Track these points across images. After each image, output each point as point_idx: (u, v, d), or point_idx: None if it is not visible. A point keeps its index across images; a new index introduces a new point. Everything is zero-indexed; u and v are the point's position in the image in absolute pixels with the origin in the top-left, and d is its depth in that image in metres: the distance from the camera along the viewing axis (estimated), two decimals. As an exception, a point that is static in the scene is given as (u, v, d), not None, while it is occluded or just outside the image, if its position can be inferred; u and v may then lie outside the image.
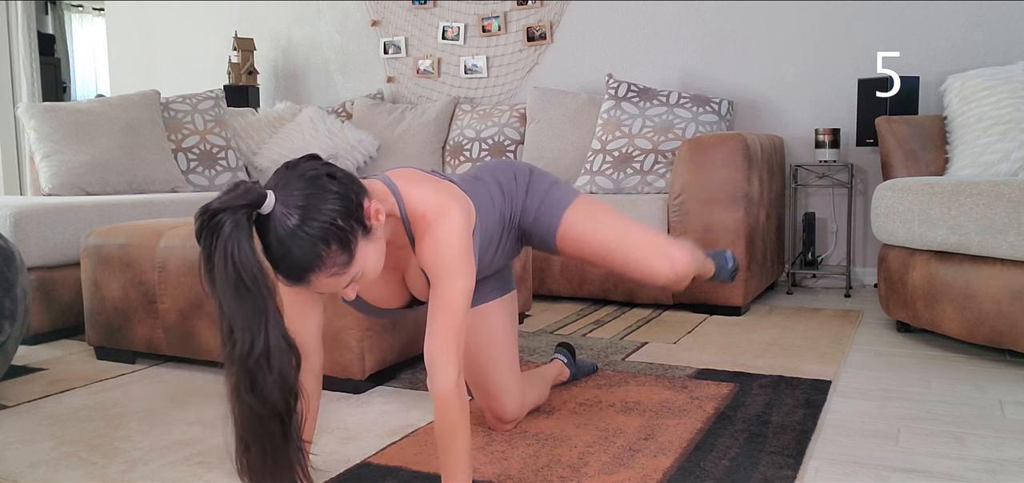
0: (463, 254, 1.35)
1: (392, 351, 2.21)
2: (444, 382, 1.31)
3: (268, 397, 1.14)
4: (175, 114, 4.11)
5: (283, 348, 1.15)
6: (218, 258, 1.11)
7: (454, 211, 1.36)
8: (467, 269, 1.35)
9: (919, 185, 2.50)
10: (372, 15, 4.79)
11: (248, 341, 1.12)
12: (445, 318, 1.33)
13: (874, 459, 1.64)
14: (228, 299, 1.11)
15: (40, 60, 6.62)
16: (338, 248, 1.20)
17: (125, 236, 2.52)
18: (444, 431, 1.31)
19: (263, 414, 1.15)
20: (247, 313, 1.12)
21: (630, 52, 4.13)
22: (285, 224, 1.16)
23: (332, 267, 1.20)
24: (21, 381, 2.39)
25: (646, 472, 1.57)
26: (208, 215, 1.11)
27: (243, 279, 1.10)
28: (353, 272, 1.24)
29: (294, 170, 1.21)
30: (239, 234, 1.11)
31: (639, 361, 2.43)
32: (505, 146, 4.07)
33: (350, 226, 1.21)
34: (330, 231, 1.18)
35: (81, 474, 1.64)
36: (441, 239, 1.34)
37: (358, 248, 1.23)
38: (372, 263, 1.27)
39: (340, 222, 1.19)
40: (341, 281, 1.24)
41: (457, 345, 1.33)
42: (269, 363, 1.13)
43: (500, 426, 1.83)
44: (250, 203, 1.14)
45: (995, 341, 2.29)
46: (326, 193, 1.19)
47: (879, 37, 3.63)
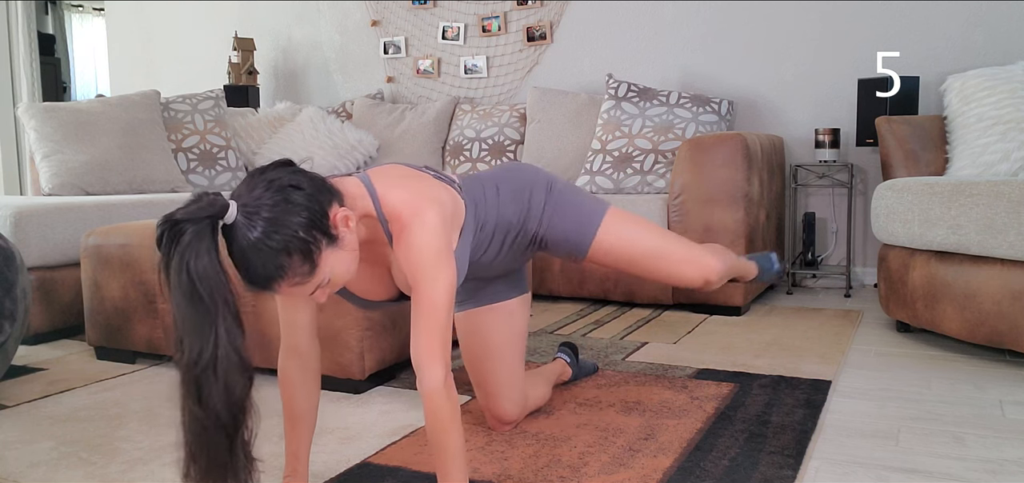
0: (440, 254, 1.33)
1: (392, 351, 2.21)
2: (431, 383, 1.30)
3: (212, 408, 1.14)
4: (175, 114, 4.10)
5: (232, 361, 1.14)
6: (174, 266, 1.11)
7: (428, 211, 1.34)
8: (446, 267, 1.34)
9: (919, 185, 2.50)
10: (372, 15, 4.79)
11: (196, 350, 1.12)
12: (428, 319, 1.32)
13: (874, 459, 1.64)
14: (180, 306, 1.12)
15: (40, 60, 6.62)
16: (300, 259, 1.20)
17: (125, 236, 2.52)
18: (436, 431, 1.31)
19: (208, 425, 1.15)
20: (197, 322, 1.12)
21: (630, 52, 4.13)
22: (247, 236, 1.17)
23: (294, 277, 1.21)
24: (21, 381, 2.39)
25: (646, 472, 1.57)
26: (169, 224, 1.12)
27: (196, 288, 1.11)
28: (317, 281, 1.24)
29: (261, 177, 1.21)
30: (198, 244, 1.11)
31: (639, 361, 2.43)
32: (505, 146, 4.07)
33: (313, 237, 1.21)
34: (292, 242, 1.19)
35: (81, 474, 1.64)
36: (415, 242, 1.33)
37: (322, 257, 1.23)
38: (342, 269, 1.27)
39: (301, 234, 1.19)
40: (305, 289, 1.24)
41: (442, 345, 1.32)
42: (215, 373, 1.13)
43: (499, 426, 1.83)
44: (212, 214, 1.14)
45: (995, 341, 2.29)
46: (289, 204, 1.19)
47: (879, 37, 3.63)
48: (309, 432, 1.47)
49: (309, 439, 1.47)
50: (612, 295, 3.31)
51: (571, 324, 2.99)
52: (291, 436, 1.46)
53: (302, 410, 1.45)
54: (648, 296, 3.24)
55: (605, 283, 3.31)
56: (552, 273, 3.42)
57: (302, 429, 1.46)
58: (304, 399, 1.45)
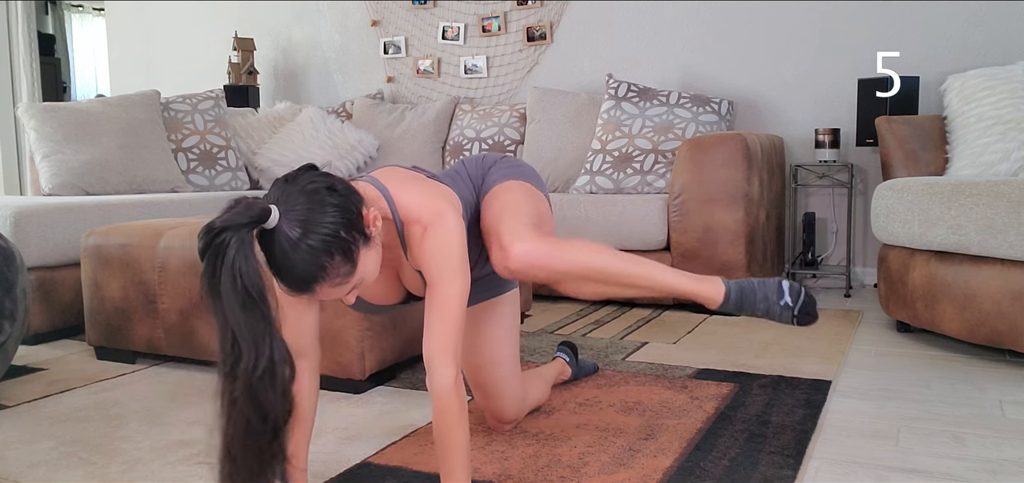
0: (460, 255, 1.36)
1: (392, 351, 2.21)
2: (443, 381, 1.32)
3: (270, 412, 1.17)
4: (175, 114, 4.10)
5: (285, 361, 1.18)
6: (226, 276, 1.12)
7: (449, 214, 1.37)
8: (463, 270, 1.37)
9: (919, 185, 2.50)
10: (372, 15, 4.79)
11: (254, 357, 1.14)
12: (442, 317, 1.34)
13: (874, 459, 1.64)
14: (235, 315, 1.13)
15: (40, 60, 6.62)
16: (342, 259, 1.22)
17: (125, 236, 2.52)
18: (443, 430, 1.32)
19: (258, 428, 1.17)
20: (253, 328, 1.14)
21: (630, 52, 4.13)
22: (289, 238, 1.18)
23: (335, 277, 1.23)
24: (21, 381, 2.39)
25: (646, 472, 1.57)
26: (213, 233, 1.13)
27: (251, 295, 1.12)
28: (355, 280, 1.26)
29: (294, 184, 1.23)
30: (246, 251, 1.13)
31: (639, 361, 2.43)
32: (505, 146, 4.07)
33: (352, 237, 1.23)
34: (333, 243, 1.20)
35: (81, 474, 1.64)
36: (439, 242, 1.35)
37: (360, 257, 1.25)
38: (371, 269, 1.29)
39: (343, 233, 1.21)
40: (344, 289, 1.26)
41: (455, 344, 1.34)
42: (273, 377, 1.16)
43: (499, 426, 1.83)
44: (253, 219, 1.15)
45: (995, 341, 2.29)
46: (327, 205, 1.21)
47: (879, 37, 3.63)
48: (308, 433, 1.47)
49: (308, 439, 1.48)
50: (612, 295, 3.31)
51: (571, 324, 2.99)
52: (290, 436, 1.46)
53: (302, 411, 1.45)
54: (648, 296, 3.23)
55: (605, 283, 3.31)
56: (552, 273, 3.42)
57: (301, 430, 1.46)
58: (305, 400, 1.45)
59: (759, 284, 1.64)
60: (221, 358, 1.16)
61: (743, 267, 3.05)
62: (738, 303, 1.62)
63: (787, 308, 1.62)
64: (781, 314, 1.62)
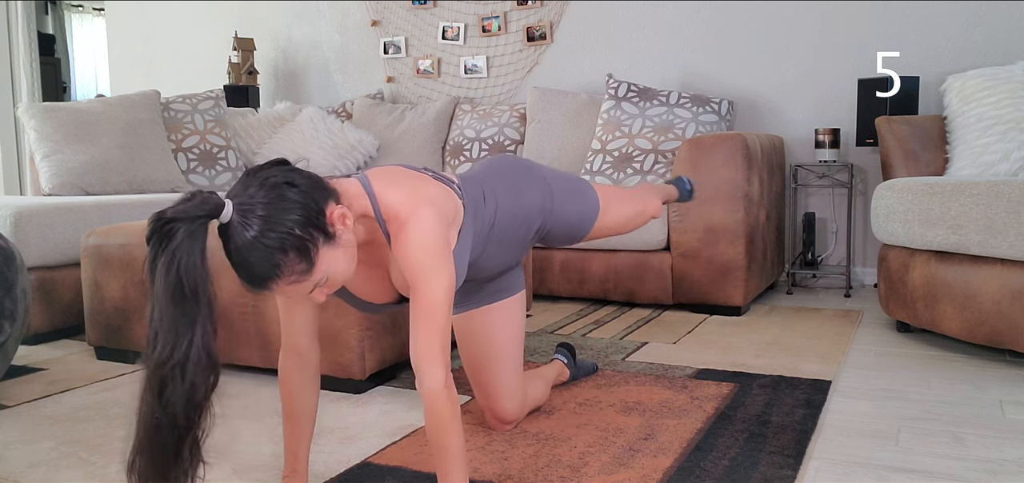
0: (438, 253, 1.33)
1: (392, 351, 2.21)
2: (432, 384, 1.30)
3: (172, 407, 1.13)
4: (175, 114, 4.11)
5: (203, 364, 1.14)
6: (162, 262, 1.10)
7: (425, 211, 1.34)
8: (444, 267, 1.33)
9: (919, 185, 2.50)
10: (372, 15, 4.79)
11: (169, 347, 1.11)
12: (427, 319, 1.31)
13: (874, 459, 1.64)
14: (162, 303, 1.11)
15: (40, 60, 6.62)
16: (296, 257, 1.19)
17: (125, 236, 2.52)
18: (436, 432, 1.31)
19: (163, 423, 1.14)
20: (176, 321, 1.11)
21: (630, 52, 4.13)
22: (243, 235, 1.16)
23: (291, 275, 1.20)
24: (21, 381, 2.39)
25: (646, 472, 1.57)
26: (162, 222, 1.11)
27: (183, 287, 1.10)
28: (314, 279, 1.23)
29: (256, 176, 1.21)
30: (191, 244, 1.11)
31: (639, 361, 2.43)
32: (505, 146, 4.07)
33: (309, 234, 1.20)
34: (287, 240, 1.18)
35: (81, 474, 1.64)
36: (413, 241, 1.32)
37: (319, 255, 1.22)
38: (340, 268, 1.26)
39: (298, 231, 1.19)
40: (303, 288, 1.23)
41: (442, 345, 1.31)
42: (183, 374, 1.12)
43: (500, 426, 1.83)
44: (207, 213, 1.14)
45: (995, 341, 2.29)
46: (285, 201, 1.19)
47: (879, 37, 3.63)
48: (308, 432, 1.47)
49: (308, 439, 1.47)
50: (612, 295, 3.31)
51: (571, 324, 2.99)
52: (290, 436, 1.46)
53: (301, 410, 1.45)
54: (648, 296, 3.24)
55: (605, 283, 3.31)
56: (552, 273, 3.42)
57: (301, 429, 1.46)
58: (304, 399, 1.45)
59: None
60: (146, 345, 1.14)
61: (743, 267, 3.05)
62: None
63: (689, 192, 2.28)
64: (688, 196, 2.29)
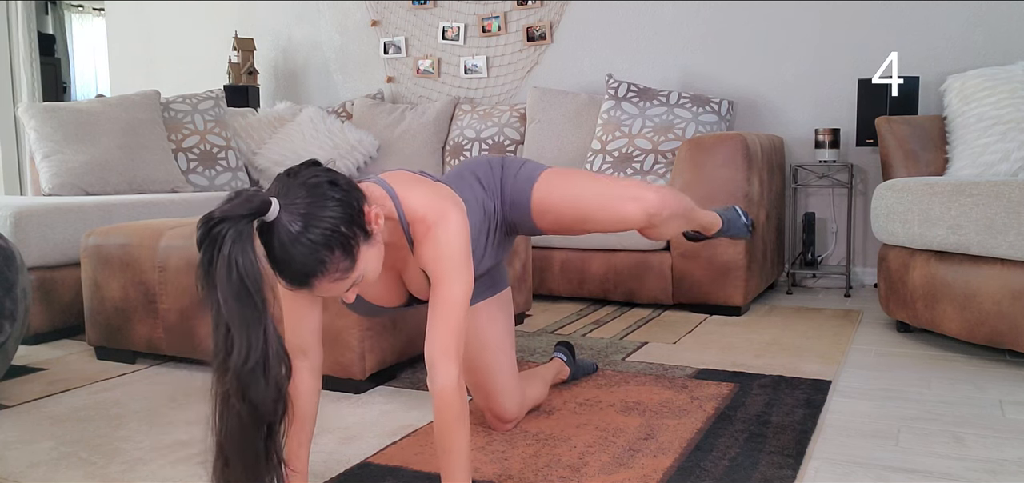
0: (463, 255, 1.37)
1: (392, 351, 2.21)
2: (445, 381, 1.32)
3: (261, 405, 1.14)
4: (175, 114, 4.11)
5: (280, 356, 1.16)
6: (221, 266, 1.11)
7: (453, 213, 1.38)
8: (467, 270, 1.37)
9: (919, 185, 2.50)
10: (372, 15, 4.79)
11: (246, 349, 1.12)
12: (446, 318, 1.34)
13: (874, 459, 1.64)
14: (230, 307, 1.11)
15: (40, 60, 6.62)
16: (341, 254, 1.21)
17: (125, 236, 2.52)
18: (444, 430, 1.32)
19: (250, 424, 1.15)
20: (247, 321, 1.12)
21: (630, 52, 4.13)
22: (289, 231, 1.17)
23: (335, 272, 1.22)
24: (21, 381, 2.39)
25: (646, 472, 1.57)
26: (211, 223, 1.12)
27: (246, 287, 1.11)
28: (355, 277, 1.26)
29: (296, 177, 1.23)
30: (243, 243, 1.12)
31: (639, 361, 2.43)
32: (505, 146, 4.07)
33: (353, 232, 1.23)
34: (333, 237, 1.20)
35: (81, 474, 1.64)
36: (442, 241, 1.36)
37: (360, 253, 1.25)
38: (372, 266, 1.29)
39: (343, 228, 1.21)
40: (343, 286, 1.25)
41: (457, 344, 1.34)
42: (266, 371, 1.14)
43: (500, 426, 1.83)
44: (253, 211, 1.15)
45: (995, 341, 2.29)
46: (328, 200, 1.21)
47: (879, 37, 3.63)
48: (309, 433, 1.47)
49: (309, 440, 1.47)
50: (612, 295, 3.31)
51: (571, 324, 2.99)
52: (291, 436, 1.46)
53: (303, 411, 1.45)
54: (648, 296, 3.24)
55: (605, 283, 3.31)
56: (552, 273, 3.42)
57: (302, 430, 1.46)
58: (306, 401, 1.45)
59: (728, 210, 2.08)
60: (214, 352, 1.15)
61: (743, 267, 3.05)
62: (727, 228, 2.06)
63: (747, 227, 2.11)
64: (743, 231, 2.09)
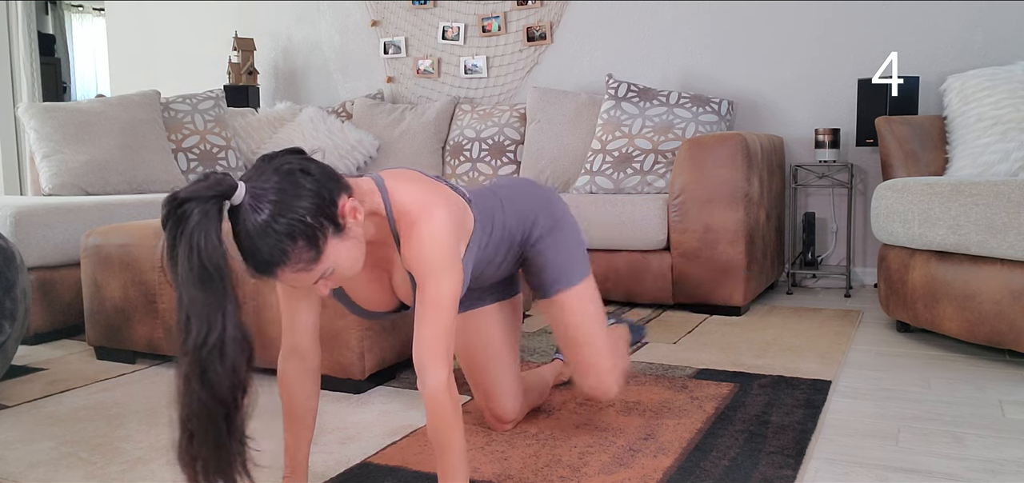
0: (449, 253, 1.33)
1: (392, 351, 2.21)
2: (434, 384, 1.30)
3: (217, 389, 1.13)
4: (175, 114, 4.11)
5: (238, 340, 1.14)
6: (182, 247, 1.10)
7: (439, 209, 1.33)
8: (453, 268, 1.33)
9: (919, 185, 2.50)
10: (372, 15, 4.79)
11: (204, 331, 1.11)
12: (432, 319, 1.31)
13: (874, 459, 1.64)
14: (189, 288, 1.10)
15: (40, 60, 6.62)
16: (305, 245, 1.19)
17: (125, 236, 2.52)
18: (438, 432, 1.31)
19: (212, 406, 1.14)
20: (206, 303, 1.11)
21: (630, 52, 4.13)
22: (254, 219, 1.16)
23: (297, 263, 1.20)
24: (21, 381, 2.39)
25: (646, 472, 1.57)
26: (176, 203, 1.11)
27: (206, 269, 1.10)
28: (321, 269, 1.23)
29: (270, 163, 1.21)
30: (207, 224, 1.10)
31: (639, 361, 2.43)
32: (505, 146, 4.07)
33: (319, 223, 1.20)
34: (297, 228, 1.18)
35: (81, 474, 1.64)
36: (425, 237, 1.32)
37: (327, 246, 1.22)
38: (346, 262, 1.26)
39: (309, 219, 1.18)
40: (308, 278, 1.23)
41: (446, 346, 1.31)
42: (222, 354, 1.12)
43: (499, 425, 1.83)
44: (220, 194, 1.13)
45: (995, 341, 2.29)
46: (299, 188, 1.19)
47: (879, 37, 3.63)
48: (309, 433, 1.47)
49: (309, 440, 1.47)
50: (612, 295, 3.31)
51: (571, 324, 2.99)
52: (290, 437, 1.46)
53: (302, 411, 1.45)
54: (648, 296, 3.24)
55: (605, 283, 3.31)
56: (552, 273, 3.42)
57: (301, 430, 1.46)
58: (304, 400, 1.45)
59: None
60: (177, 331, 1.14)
61: (743, 267, 3.05)
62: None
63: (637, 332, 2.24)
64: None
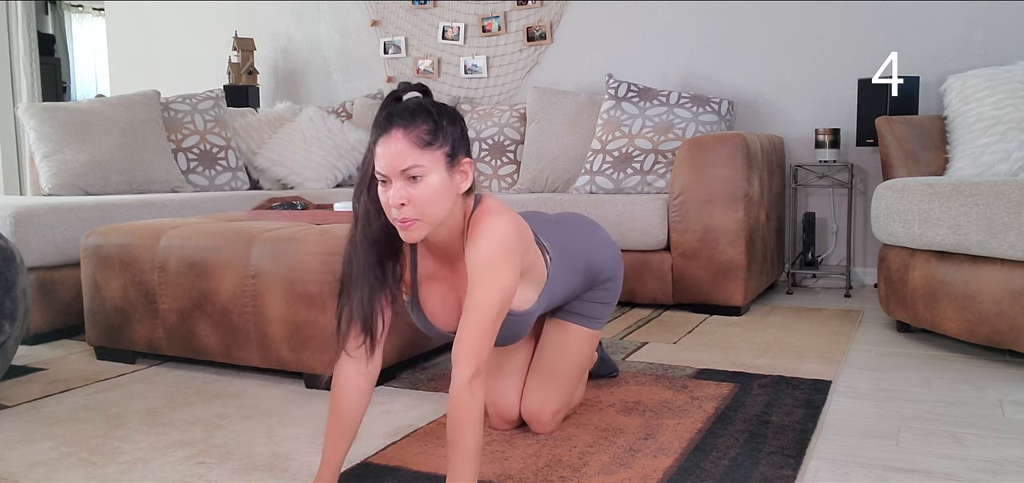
0: (503, 258, 1.37)
1: (392, 351, 2.21)
2: (458, 380, 1.33)
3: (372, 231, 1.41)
4: (175, 114, 4.11)
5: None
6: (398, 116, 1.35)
7: (504, 219, 1.40)
8: (506, 274, 1.38)
9: (919, 185, 2.50)
10: (372, 15, 4.79)
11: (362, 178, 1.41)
12: (475, 320, 1.35)
13: (874, 459, 1.64)
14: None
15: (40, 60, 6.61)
16: (432, 127, 1.34)
17: (125, 236, 2.52)
18: (453, 428, 1.33)
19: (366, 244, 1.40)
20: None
21: (630, 52, 4.13)
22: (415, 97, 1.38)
23: (415, 131, 1.32)
24: (21, 381, 2.39)
25: (646, 472, 1.57)
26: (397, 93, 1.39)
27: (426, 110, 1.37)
28: (422, 161, 1.33)
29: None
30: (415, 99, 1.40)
31: (639, 361, 2.43)
32: (505, 146, 4.07)
33: (448, 136, 1.35)
34: (439, 113, 1.35)
35: (81, 474, 1.64)
36: (484, 235, 1.38)
37: (438, 153, 1.34)
38: (434, 194, 1.35)
39: (446, 124, 1.35)
40: (409, 156, 1.32)
41: (481, 349, 1.35)
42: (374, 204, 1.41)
43: (503, 425, 1.83)
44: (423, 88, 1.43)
45: (995, 341, 2.29)
46: (456, 115, 1.39)
47: (879, 37, 3.63)
48: (351, 437, 1.47)
49: (349, 444, 1.47)
50: (612, 295, 3.31)
51: (571, 324, 2.99)
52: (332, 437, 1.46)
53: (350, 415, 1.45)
54: (648, 296, 3.24)
55: (605, 283, 3.31)
56: (552, 273, 3.42)
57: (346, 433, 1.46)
58: (355, 403, 1.46)
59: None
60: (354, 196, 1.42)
61: (743, 267, 3.05)
62: None
63: None
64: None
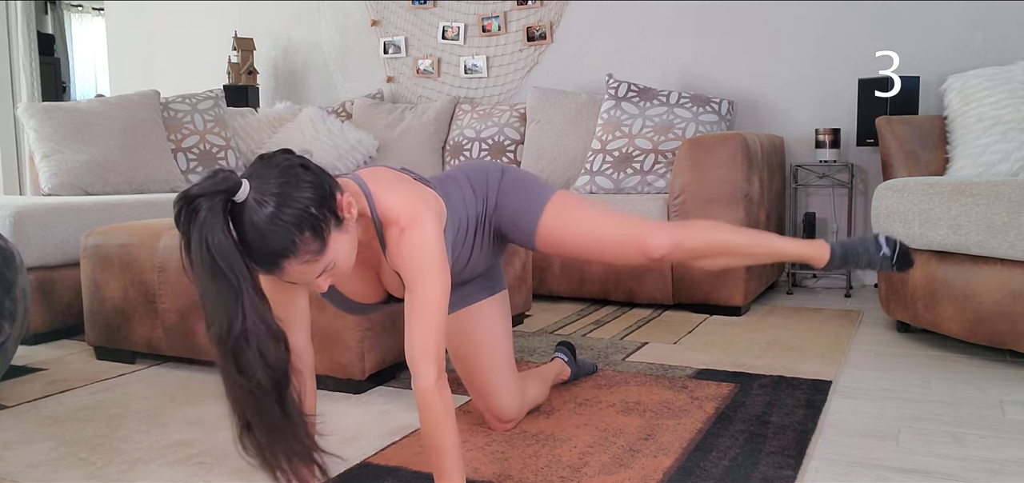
0: (438, 257, 1.36)
1: (392, 351, 2.21)
2: (424, 383, 1.32)
3: (253, 374, 1.16)
4: (175, 114, 4.11)
5: (261, 329, 1.17)
6: (194, 243, 1.14)
7: (427, 218, 1.37)
8: (442, 270, 1.37)
9: (919, 185, 2.50)
10: (372, 15, 4.79)
11: (225, 323, 1.15)
12: (423, 319, 1.34)
13: (874, 459, 1.64)
14: (205, 283, 1.14)
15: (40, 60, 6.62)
16: (311, 236, 1.21)
17: (125, 236, 2.52)
18: (429, 431, 1.33)
19: (255, 392, 1.18)
20: (222, 295, 1.14)
21: (630, 52, 4.13)
22: (260, 212, 1.18)
23: (305, 254, 1.22)
24: (21, 381, 2.39)
25: (646, 472, 1.57)
26: (186, 200, 1.14)
27: (217, 262, 1.13)
28: (325, 261, 1.25)
29: (269, 161, 1.24)
30: (214, 219, 1.14)
31: (639, 361, 2.43)
32: (505, 146, 4.07)
33: (323, 215, 1.23)
34: (304, 218, 1.20)
35: (81, 474, 1.64)
36: (416, 246, 1.36)
37: (331, 238, 1.25)
38: (344, 255, 1.29)
39: (313, 210, 1.21)
40: (313, 269, 1.25)
41: (436, 345, 1.34)
42: (247, 342, 1.16)
43: (499, 426, 1.83)
44: (226, 189, 1.16)
45: (995, 341, 2.29)
46: (300, 182, 1.22)
47: (879, 37, 3.63)
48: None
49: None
50: (612, 295, 3.31)
51: (571, 324, 2.99)
52: None
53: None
54: (648, 296, 3.24)
55: (605, 283, 3.31)
56: (552, 273, 3.42)
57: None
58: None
59: (859, 241, 1.87)
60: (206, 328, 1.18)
61: (743, 267, 3.05)
62: (842, 260, 1.85)
63: (886, 258, 1.87)
64: (882, 263, 1.87)
